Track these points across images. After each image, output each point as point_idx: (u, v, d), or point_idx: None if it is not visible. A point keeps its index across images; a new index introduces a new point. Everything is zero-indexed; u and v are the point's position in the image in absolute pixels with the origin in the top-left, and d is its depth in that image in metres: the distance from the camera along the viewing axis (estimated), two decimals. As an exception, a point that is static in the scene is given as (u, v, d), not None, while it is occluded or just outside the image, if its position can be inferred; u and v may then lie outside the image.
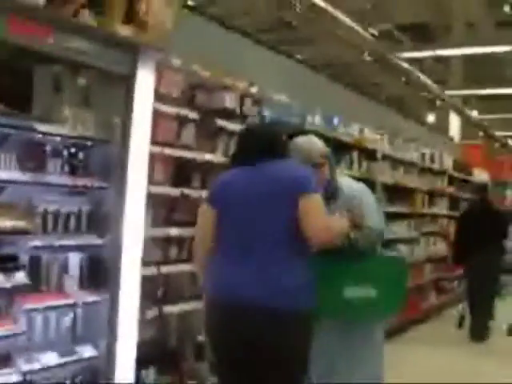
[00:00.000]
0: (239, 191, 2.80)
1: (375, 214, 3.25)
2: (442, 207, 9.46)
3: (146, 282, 3.71)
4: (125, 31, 3.30)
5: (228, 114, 4.55)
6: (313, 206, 2.70)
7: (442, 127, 16.57)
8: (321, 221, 2.70)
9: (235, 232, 2.78)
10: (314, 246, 2.75)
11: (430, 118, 19.22)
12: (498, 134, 20.62)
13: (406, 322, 7.39)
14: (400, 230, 7.51)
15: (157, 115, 3.73)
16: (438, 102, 16.17)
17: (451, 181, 9.94)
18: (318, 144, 3.32)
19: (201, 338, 4.21)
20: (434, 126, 16.74)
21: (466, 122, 17.40)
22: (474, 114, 18.21)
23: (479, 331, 7.39)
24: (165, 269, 3.87)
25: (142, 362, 3.74)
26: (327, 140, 3.72)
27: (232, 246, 2.79)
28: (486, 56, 13.89)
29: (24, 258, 3.15)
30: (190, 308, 4.09)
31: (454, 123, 17.73)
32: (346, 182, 3.38)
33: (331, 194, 3.20)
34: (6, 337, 2.98)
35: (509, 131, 22.15)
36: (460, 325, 7.86)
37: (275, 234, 2.70)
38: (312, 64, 8.46)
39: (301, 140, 3.29)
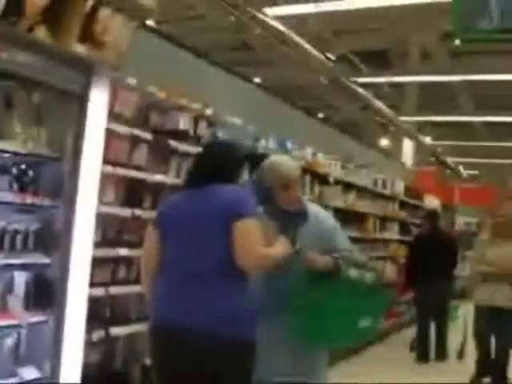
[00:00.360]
0: (182, 215, 2.81)
1: (344, 236, 3.32)
2: (393, 232, 9.61)
3: (93, 302, 3.66)
4: (80, 49, 3.29)
5: (182, 136, 4.55)
6: (244, 232, 2.65)
7: (395, 152, 16.86)
8: (251, 247, 2.64)
9: (176, 255, 2.79)
10: (250, 273, 2.73)
11: (384, 142, 19.53)
12: (450, 159, 21.14)
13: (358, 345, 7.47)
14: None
15: (109, 134, 3.71)
16: (392, 128, 16.52)
17: (402, 206, 10.10)
18: (293, 163, 3.34)
19: (148, 360, 4.17)
20: (387, 151, 17.00)
21: (419, 147, 17.79)
22: (428, 139, 18.64)
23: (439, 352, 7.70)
24: (113, 290, 3.83)
25: (86, 384, 3.68)
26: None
27: (173, 269, 2.79)
28: (440, 84, 14.34)
29: (-33, 277, 3.08)
30: (138, 330, 4.04)
31: (407, 148, 18.06)
32: (312, 205, 3.41)
33: (302, 216, 3.20)
34: None
35: (460, 157, 22.73)
36: (412, 348, 7.97)
37: (212, 261, 2.69)
38: (268, 86, 8.56)
39: (278, 158, 3.32)
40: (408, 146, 17.77)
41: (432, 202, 12.31)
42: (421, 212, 10.60)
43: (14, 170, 3.28)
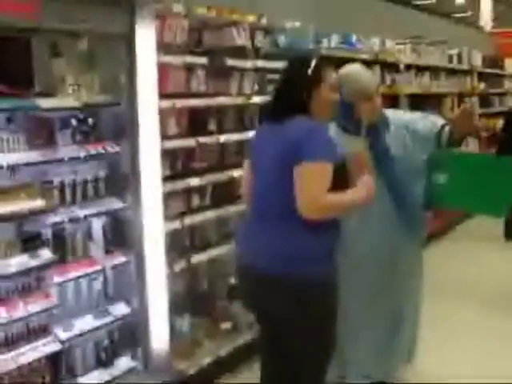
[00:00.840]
0: (260, 150, 2.80)
1: (428, 120, 3.35)
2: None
3: (171, 235, 3.77)
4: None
5: (240, 51, 4.42)
6: (303, 178, 2.51)
7: (472, 17, 15.84)
8: (310, 196, 2.50)
9: (254, 192, 2.82)
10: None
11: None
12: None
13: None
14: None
15: (163, 67, 3.65)
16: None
17: (482, 78, 9.61)
18: (369, 74, 3.28)
19: (232, 280, 4.30)
20: (463, 18, 16.01)
21: (498, 2, 16.64)
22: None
23: None
24: (188, 220, 3.90)
25: (176, 311, 3.86)
26: (346, 61, 3.61)
27: (252, 205, 2.85)
28: None
29: (47, 233, 3.20)
30: (219, 253, 4.15)
31: (485, 7, 16.95)
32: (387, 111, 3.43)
33: (386, 125, 3.29)
34: (41, 312, 3.08)
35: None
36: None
37: (276, 202, 2.65)
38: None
39: (353, 71, 3.26)
40: (485, 5, 16.64)
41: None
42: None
43: (74, 122, 3.29)
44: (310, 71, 2.69)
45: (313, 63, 2.71)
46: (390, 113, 3.42)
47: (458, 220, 8.19)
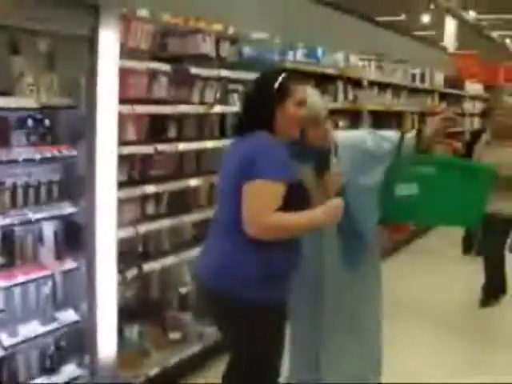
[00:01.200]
0: (222, 166, 2.77)
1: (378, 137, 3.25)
2: (432, 126, 9.33)
3: (124, 242, 3.71)
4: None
5: (204, 60, 4.40)
6: (249, 196, 2.48)
7: (436, 38, 16.10)
8: (255, 215, 2.46)
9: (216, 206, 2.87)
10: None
11: (426, 18, 18.53)
12: (496, 34, 20.12)
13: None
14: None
15: (125, 72, 3.61)
16: (432, 6, 15.69)
17: (443, 97, 9.77)
18: (318, 98, 3.12)
19: (184, 288, 4.26)
20: (427, 37, 16.24)
21: (462, 26, 16.95)
22: (471, 14, 17.69)
23: None
24: (142, 227, 3.85)
25: (125, 320, 3.80)
26: (310, 75, 3.58)
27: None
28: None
29: (-5, 236, 3.12)
30: (172, 262, 4.10)
31: (450, 30, 17.24)
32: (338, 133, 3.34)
33: (335, 150, 3.18)
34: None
35: (507, 31, 21.70)
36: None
37: (225, 219, 2.66)
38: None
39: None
40: (450, 27, 16.94)
41: (474, 87, 11.89)
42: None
43: (30, 123, 3.22)
44: (276, 85, 2.64)
45: (280, 77, 2.66)
46: (338, 134, 3.31)
47: (417, 234, 8.28)
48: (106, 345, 3.50)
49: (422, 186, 3.00)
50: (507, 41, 21.77)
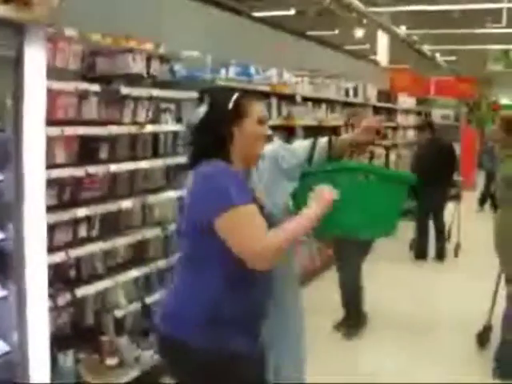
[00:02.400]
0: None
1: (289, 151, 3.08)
2: (367, 140, 9.48)
3: (56, 267, 3.62)
4: (6, 12, 3.05)
5: (134, 79, 4.35)
6: (230, 229, 2.29)
7: (368, 53, 16.46)
8: (246, 244, 2.28)
9: None
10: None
11: (359, 33, 18.89)
12: (427, 48, 20.68)
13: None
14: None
15: (53, 93, 3.53)
16: (365, 21, 16.02)
17: (376, 111, 9.95)
18: None
19: (120, 312, 4.18)
20: (360, 52, 16.60)
21: (394, 40, 17.35)
22: (403, 29, 18.12)
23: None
24: (74, 252, 3.75)
25: (59, 348, 3.69)
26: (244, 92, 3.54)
27: None
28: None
29: None
30: (106, 285, 4.01)
31: (382, 45, 17.62)
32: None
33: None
34: None
35: (437, 45, 22.35)
36: (411, 247, 8.66)
37: (180, 260, 2.58)
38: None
39: None
40: (383, 42, 17.34)
41: (406, 101, 12.18)
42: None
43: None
44: (230, 106, 2.48)
45: (234, 97, 2.50)
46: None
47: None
48: (39, 374, 3.39)
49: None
50: (437, 55, 22.43)
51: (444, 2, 18.08)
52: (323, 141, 3.00)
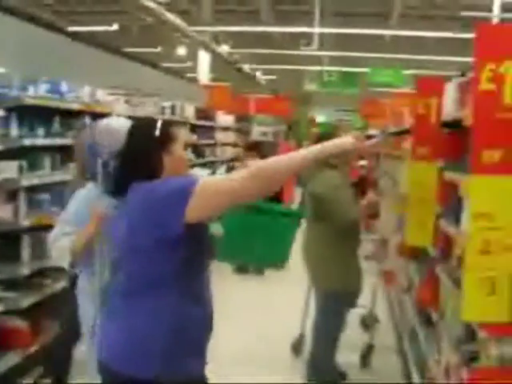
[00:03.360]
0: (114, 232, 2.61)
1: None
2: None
3: None
4: None
5: None
6: (210, 192, 2.33)
7: (190, 70, 16.75)
8: (230, 190, 2.30)
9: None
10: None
11: (181, 51, 19.16)
12: (248, 67, 21.43)
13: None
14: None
15: None
16: (186, 40, 16.30)
17: (194, 129, 10.18)
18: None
19: None
20: (182, 70, 16.87)
21: (216, 58, 17.82)
22: (225, 48, 18.67)
23: None
24: None
25: None
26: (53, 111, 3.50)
27: None
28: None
29: None
30: None
31: (203, 63, 18.00)
32: None
33: None
34: None
35: (258, 65, 23.23)
36: None
37: (146, 280, 2.45)
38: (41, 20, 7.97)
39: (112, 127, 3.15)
40: (204, 59, 17.72)
41: (225, 119, 12.55)
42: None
43: None
44: (157, 133, 2.49)
45: (158, 125, 2.51)
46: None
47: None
48: None
49: (228, 227, 2.95)
50: (258, 74, 23.32)
51: (264, 23, 18.99)
52: (221, 170, 3.15)
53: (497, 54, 2.28)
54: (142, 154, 2.47)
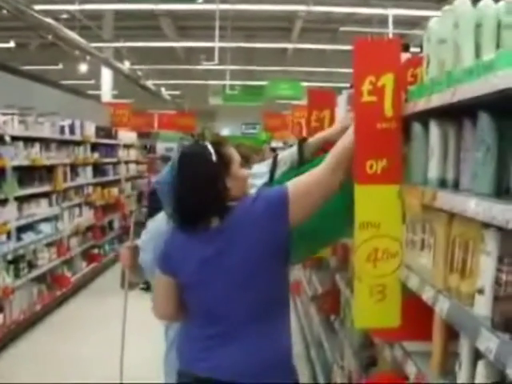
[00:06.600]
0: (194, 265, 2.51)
1: None
2: (86, 176, 9.46)
3: None
4: None
5: None
6: (306, 184, 2.43)
7: (93, 87, 16.48)
8: (323, 172, 2.40)
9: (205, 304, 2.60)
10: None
11: (83, 68, 18.72)
12: (151, 83, 21.21)
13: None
14: (40, 210, 7.39)
15: None
16: (87, 56, 15.98)
17: (96, 148, 9.97)
18: None
19: None
20: (85, 87, 16.56)
21: (118, 76, 17.55)
22: (126, 64, 18.38)
23: None
24: None
25: None
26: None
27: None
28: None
29: None
30: None
31: (106, 81, 17.74)
32: None
33: None
34: None
35: (162, 80, 23.10)
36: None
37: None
38: None
39: None
40: (106, 77, 17.47)
41: (127, 136, 12.39)
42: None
43: None
44: (214, 158, 2.39)
45: (209, 147, 2.41)
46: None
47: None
48: None
49: None
50: (162, 89, 23.16)
51: (166, 39, 18.98)
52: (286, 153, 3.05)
53: (375, 68, 2.34)
54: (206, 182, 2.39)
